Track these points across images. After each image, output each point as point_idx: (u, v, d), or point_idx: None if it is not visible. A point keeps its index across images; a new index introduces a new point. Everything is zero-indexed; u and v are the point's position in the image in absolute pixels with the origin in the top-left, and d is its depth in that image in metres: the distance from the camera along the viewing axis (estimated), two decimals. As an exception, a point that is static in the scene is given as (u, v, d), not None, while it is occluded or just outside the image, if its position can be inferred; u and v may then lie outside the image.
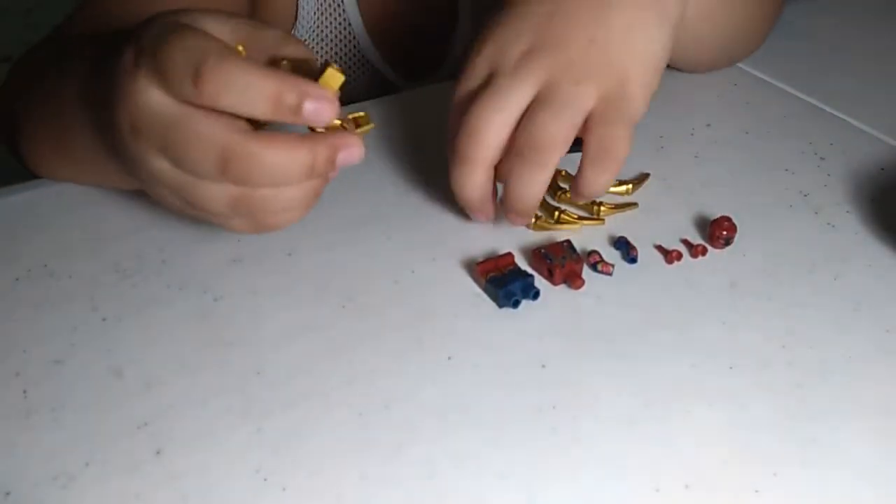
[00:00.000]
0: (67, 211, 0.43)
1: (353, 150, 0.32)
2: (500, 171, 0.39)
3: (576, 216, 0.43)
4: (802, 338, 0.37)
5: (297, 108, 0.29)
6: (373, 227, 0.43)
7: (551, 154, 0.38)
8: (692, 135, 0.51)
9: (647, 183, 0.46)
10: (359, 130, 0.33)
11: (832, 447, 0.32)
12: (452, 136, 0.40)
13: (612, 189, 0.45)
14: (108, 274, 0.39)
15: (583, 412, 0.33)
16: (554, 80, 0.38)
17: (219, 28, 0.32)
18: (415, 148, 0.49)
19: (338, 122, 0.33)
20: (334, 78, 0.31)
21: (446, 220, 0.43)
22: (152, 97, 0.31)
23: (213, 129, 0.30)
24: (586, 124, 0.38)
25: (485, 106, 0.38)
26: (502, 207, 0.40)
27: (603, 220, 0.43)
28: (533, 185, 0.38)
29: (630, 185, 0.45)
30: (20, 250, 0.40)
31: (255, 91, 0.29)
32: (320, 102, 0.30)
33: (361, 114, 0.34)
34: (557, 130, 0.37)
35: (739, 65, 0.58)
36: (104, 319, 0.37)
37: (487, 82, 0.39)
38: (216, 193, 0.32)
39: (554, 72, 0.38)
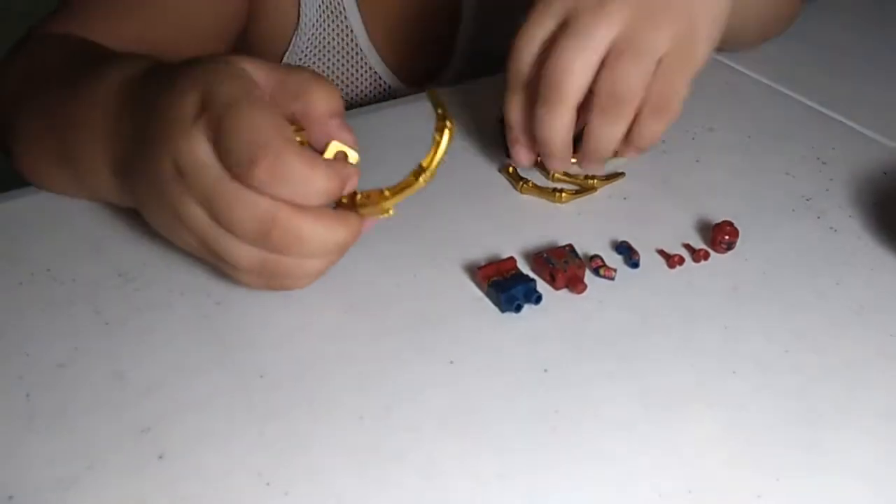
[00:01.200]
0: (71, 215, 0.43)
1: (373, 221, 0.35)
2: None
3: (572, 193, 0.44)
4: (805, 342, 0.37)
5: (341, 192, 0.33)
6: (375, 232, 0.42)
7: (631, 105, 0.39)
8: (693, 139, 0.51)
9: (645, 185, 0.46)
10: (387, 204, 0.35)
11: (835, 452, 0.32)
12: (521, 81, 0.41)
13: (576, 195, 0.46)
14: (110, 278, 0.39)
15: (585, 416, 0.33)
16: (634, 23, 0.38)
17: (255, 72, 0.33)
18: (416, 153, 0.49)
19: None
20: (379, 209, 0.35)
21: (448, 224, 0.43)
22: (205, 154, 0.32)
23: (261, 198, 0.31)
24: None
25: (572, 46, 0.38)
26: (578, 155, 0.42)
27: (596, 188, 0.45)
28: (613, 135, 0.40)
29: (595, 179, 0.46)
30: (23, 254, 0.40)
31: (306, 186, 0.31)
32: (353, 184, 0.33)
33: (387, 199, 0.35)
34: (638, 81, 0.38)
35: (740, 68, 0.58)
36: (107, 323, 0.37)
37: (565, 24, 0.39)
38: (246, 253, 0.33)
39: (635, 14, 0.38)
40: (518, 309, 0.38)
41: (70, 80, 0.41)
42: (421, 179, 0.34)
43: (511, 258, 0.40)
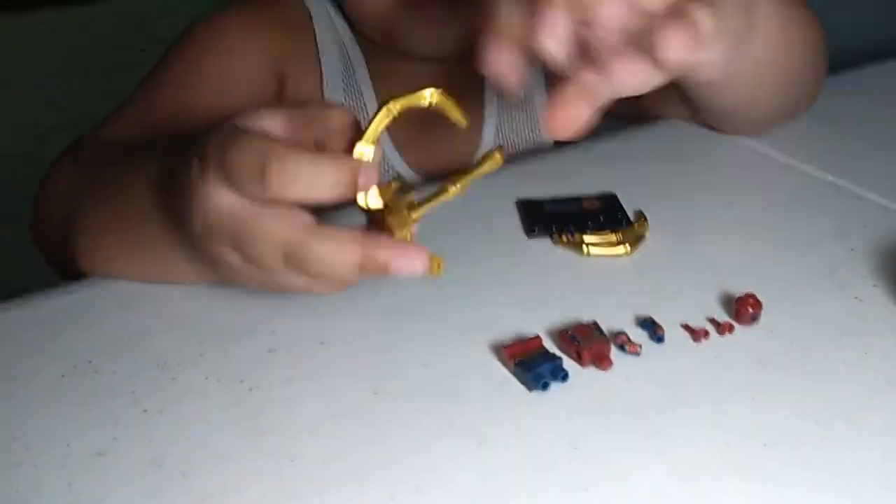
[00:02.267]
0: (110, 310, 0.45)
1: (411, 264, 0.34)
2: None
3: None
4: (836, 413, 0.37)
5: (356, 186, 0.33)
6: (401, 315, 0.44)
7: None
8: (713, 216, 0.52)
9: (668, 259, 0.47)
10: (414, 214, 0.36)
11: (875, 525, 0.32)
12: None
13: (610, 251, 0.47)
14: (148, 368, 0.40)
15: (616, 492, 0.33)
16: None
17: (273, 120, 0.35)
18: (439, 235, 0.50)
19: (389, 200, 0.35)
20: (407, 220, 0.35)
21: (473, 305, 0.44)
22: (222, 200, 0.34)
23: (275, 225, 0.33)
24: None
25: None
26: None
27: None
28: None
29: (628, 245, 0.47)
30: (66, 348, 0.42)
31: (318, 179, 0.32)
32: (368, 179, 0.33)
33: (434, 200, 0.36)
34: None
35: (759, 147, 0.59)
36: (145, 411, 0.38)
37: None
38: (290, 279, 0.35)
39: None
40: (545, 387, 0.38)
41: (119, 176, 0.44)
42: (451, 189, 0.34)
43: (537, 337, 0.40)
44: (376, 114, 0.34)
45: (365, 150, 0.35)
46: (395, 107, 0.34)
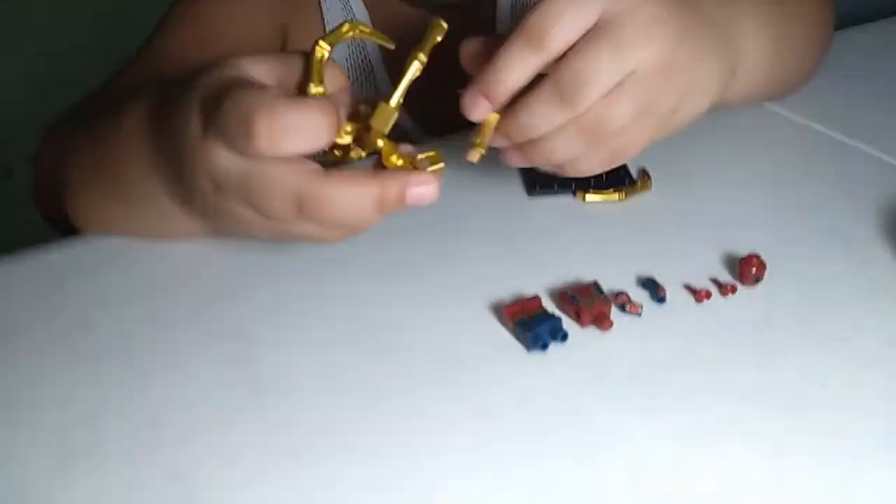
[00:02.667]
0: (106, 266, 0.44)
1: (425, 189, 0.33)
2: None
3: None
4: (841, 375, 0.36)
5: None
6: (401, 275, 0.43)
7: (588, 95, 0.37)
8: (718, 173, 0.51)
9: (670, 218, 0.46)
10: (430, 169, 0.34)
11: (875, 489, 0.31)
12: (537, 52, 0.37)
13: (603, 196, 0.47)
14: (143, 327, 0.40)
15: (617, 455, 0.33)
16: (665, 61, 0.38)
17: (255, 69, 0.34)
18: (440, 196, 0.49)
19: (408, 160, 0.34)
20: (387, 113, 0.33)
21: (473, 265, 0.43)
22: (223, 158, 0.33)
23: (284, 177, 0.32)
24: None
25: (606, 61, 0.36)
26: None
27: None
28: (546, 113, 0.38)
29: (623, 192, 0.46)
30: (60, 306, 0.41)
31: (309, 125, 0.31)
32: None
33: (433, 153, 0.35)
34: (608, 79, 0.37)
35: (766, 104, 0.58)
36: (140, 372, 0.37)
37: (602, 25, 0.37)
38: (303, 229, 0.34)
39: (670, 53, 0.38)
40: (545, 347, 0.38)
41: (108, 122, 0.43)
42: (416, 62, 0.34)
43: (536, 296, 0.40)
44: (311, 56, 0.34)
45: (317, 91, 0.34)
46: (325, 45, 0.34)
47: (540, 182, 0.48)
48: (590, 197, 0.48)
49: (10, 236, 0.49)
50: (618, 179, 0.49)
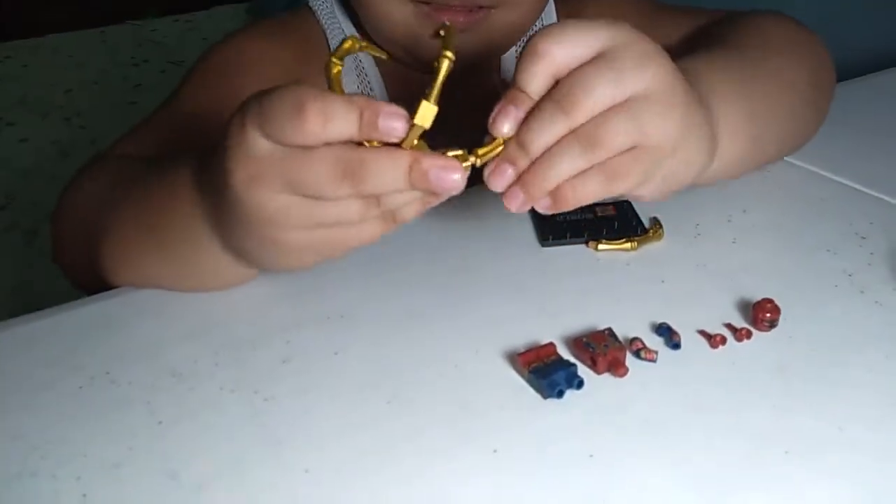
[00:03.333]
0: (127, 321, 0.45)
1: (450, 174, 0.34)
2: None
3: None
4: (859, 419, 0.36)
5: (376, 124, 0.34)
6: (415, 323, 0.44)
7: (583, 110, 0.38)
8: (729, 221, 0.52)
9: (684, 265, 0.47)
10: (460, 162, 0.36)
11: (900, 532, 0.31)
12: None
13: (615, 245, 0.48)
14: (164, 379, 0.41)
15: (633, 502, 0.33)
16: (656, 95, 0.39)
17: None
18: (453, 244, 0.50)
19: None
20: (429, 110, 0.35)
21: (486, 313, 0.44)
22: (263, 143, 0.35)
23: (325, 149, 0.34)
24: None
25: (605, 76, 0.38)
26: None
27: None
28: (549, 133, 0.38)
29: (636, 241, 0.47)
30: (84, 359, 0.42)
31: (351, 117, 0.34)
32: (395, 119, 0.34)
33: (461, 152, 0.37)
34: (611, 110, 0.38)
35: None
36: (160, 423, 0.38)
37: (602, 54, 0.38)
38: (346, 206, 0.35)
39: (664, 88, 0.39)
40: (560, 395, 0.38)
41: (152, 181, 0.45)
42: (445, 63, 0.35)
43: (551, 343, 0.40)
44: (328, 73, 0.37)
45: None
46: (337, 60, 0.37)
47: (553, 232, 0.49)
48: (602, 246, 0.48)
49: (36, 293, 0.51)
50: (629, 229, 0.49)
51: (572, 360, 0.39)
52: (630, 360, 0.40)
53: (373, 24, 0.58)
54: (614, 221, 0.50)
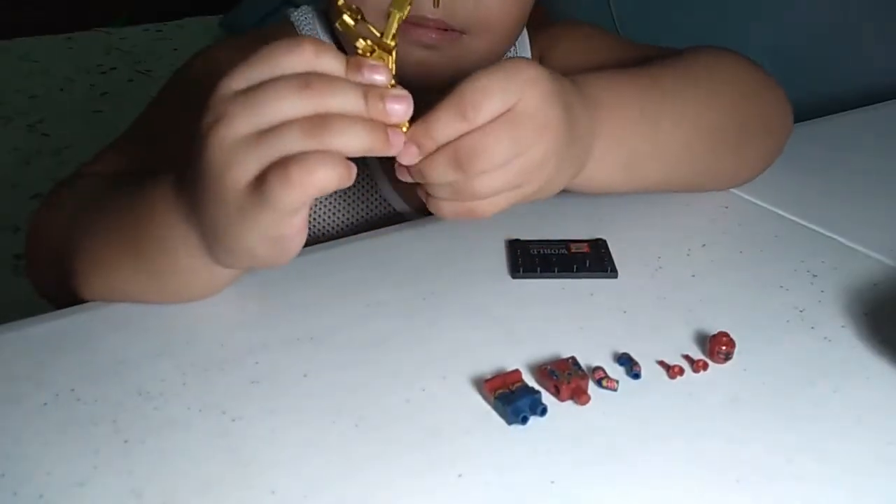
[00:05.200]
0: (94, 337, 0.45)
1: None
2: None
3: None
4: (806, 451, 0.38)
5: (378, 104, 0.38)
6: (384, 348, 0.44)
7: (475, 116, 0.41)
8: (688, 255, 0.54)
9: (644, 298, 0.48)
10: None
11: (843, 560, 0.33)
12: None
13: None
14: (131, 397, 0.41)
15: (592, 527, 0.34)
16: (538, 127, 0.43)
17: None
18: (422, 273, 0.51)
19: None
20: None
21: (454, 340, 0.45)
22: (231, 86, 0.38)
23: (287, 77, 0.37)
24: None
25: (499, 79, 0.42)
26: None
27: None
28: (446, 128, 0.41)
29: None
30: (49, 376, 0.42)
31: (351, 91, 0.37)
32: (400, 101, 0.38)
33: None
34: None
35: (734, 191, 0.61)
36: (126, 441, 0.38)
37: None
38: (294, 116, 0.37)
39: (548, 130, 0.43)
40: (524, 421, 0.39)
41: (128, 193, 0.45)
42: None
43: (517, 370, 0.41)
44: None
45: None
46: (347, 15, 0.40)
47: (524, 265, 0.51)
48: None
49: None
50: (600, 268, 0.51)
51: (537, 387, 0.41)
52: (592, 388, 0.41)
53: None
54: (586, 259, 0.51)
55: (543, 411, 0.39)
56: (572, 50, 0.65)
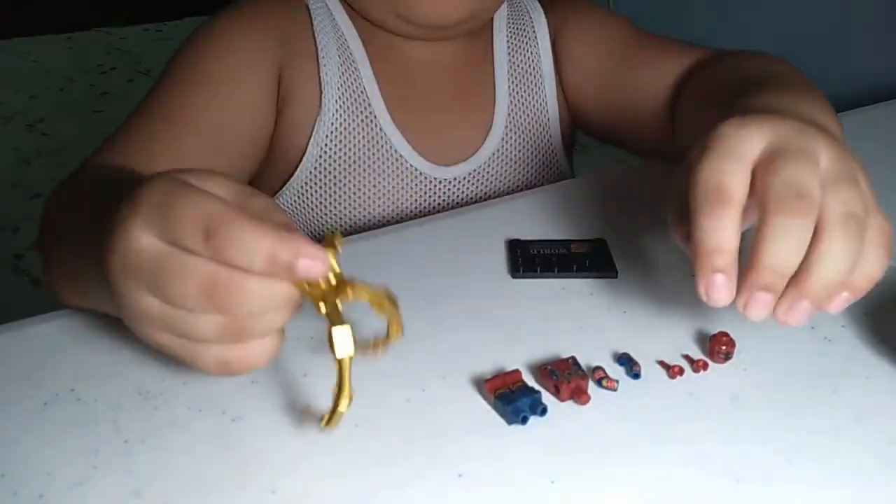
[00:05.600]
0: (94, 337, 0.45)
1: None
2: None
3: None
4: (806, 451, 0.38)
5: (292, 266, 0.31)
6: (384, 348, 0.44)
7: (812, 202, 0.36)
8: (686, 258, 0.53)
9: (645, 297, 0.48)
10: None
11: (843, 560, 0.33)
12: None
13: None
14: (131, 397, 0.41)
15: (592, 527, 0.34)
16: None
17: (218, 191, 0.34)
18: (422, 272, 0.51)
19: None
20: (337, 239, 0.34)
21: (455, 339, 0.45)
22: (143, 241, 0.33)
23: (197, 262, 0.32)
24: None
25: (794, 164, 0.37)
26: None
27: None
28: (794, 241, 0.37)
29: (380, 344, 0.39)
30: (50, 376, 0.42)
31: (256, 249, 0.31)
32: (313, 260, 0.31)
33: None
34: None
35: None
36: (126, 441, 0.38)
37: (775, 150, 0.38)
38: (202, 323, 0.33)
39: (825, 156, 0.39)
40: (524, 421, 0.39)
41: (82, 206, 0.45)
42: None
43: (517, 370, 0.41)
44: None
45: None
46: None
47: (525, 265, 0.51)
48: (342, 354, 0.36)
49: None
50: (601, 267, 0.51)
51: (537, 387, 0.41)
52: (592, 388, 0.41)
53: None
54: (586, 259, 0.51)
55: (543, 411, 0.39)
56: (586, 35, 0.67)
